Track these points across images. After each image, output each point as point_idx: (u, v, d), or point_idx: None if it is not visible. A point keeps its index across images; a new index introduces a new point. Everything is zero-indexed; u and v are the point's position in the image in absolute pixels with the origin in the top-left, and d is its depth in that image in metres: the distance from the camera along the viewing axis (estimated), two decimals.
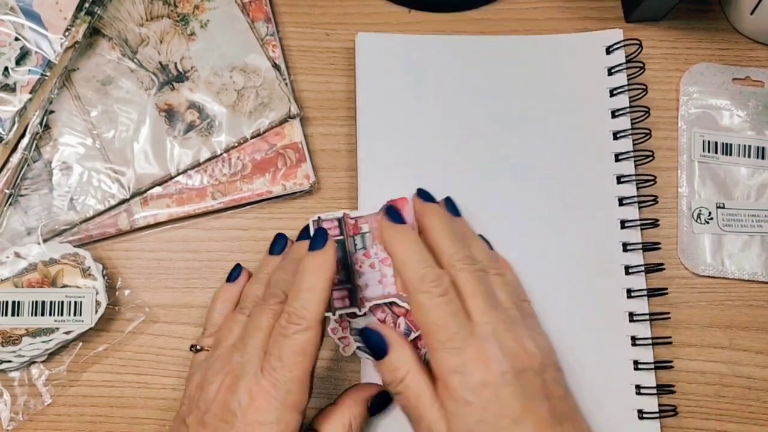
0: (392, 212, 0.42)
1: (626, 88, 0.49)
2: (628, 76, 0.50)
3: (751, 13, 0.50)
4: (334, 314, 0.41)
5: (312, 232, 0.42)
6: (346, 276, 0.42)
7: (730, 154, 0.50)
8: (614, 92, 0.50)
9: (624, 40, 0.50)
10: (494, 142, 0.49)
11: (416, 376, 0.38)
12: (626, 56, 0.50)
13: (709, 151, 0.50)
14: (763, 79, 0.52)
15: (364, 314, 0.41)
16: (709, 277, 0.49)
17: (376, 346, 0.39)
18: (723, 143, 0.50)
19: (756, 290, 0.49)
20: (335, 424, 0.39)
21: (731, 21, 0.53)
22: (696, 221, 0.49)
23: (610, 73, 0.50)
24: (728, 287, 0.49)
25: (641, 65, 0.50)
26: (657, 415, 0.44)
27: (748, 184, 0.50)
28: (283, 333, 0.36)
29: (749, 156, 0.50)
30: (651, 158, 0.48)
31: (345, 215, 0.43)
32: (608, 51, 0.51)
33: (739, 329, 0.48)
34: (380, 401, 0.41)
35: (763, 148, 0.50)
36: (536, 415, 0.35)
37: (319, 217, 0.43)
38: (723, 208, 0.49)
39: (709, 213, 0.49)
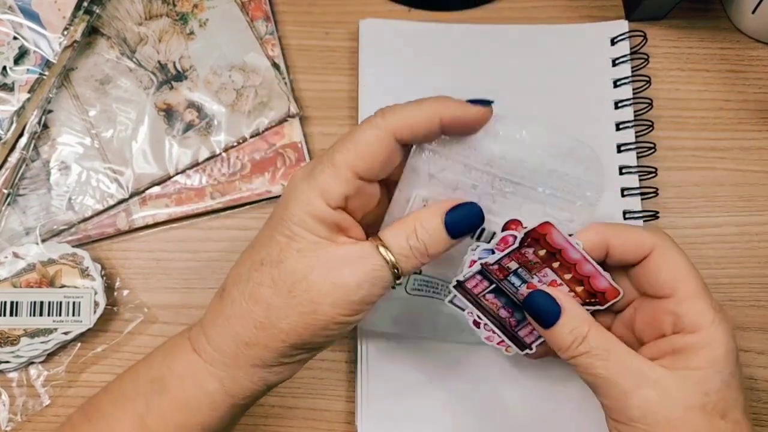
0: None
1: (630, 79, 0.50)
2: (632, 68, 0.50)
3: (753, 12, 0.50)
4: (531, 349, 0.38)
5: (454, 299, 0.37)
6: (521, 316, 0.37)
7: None
8: (618, 83, 0.50)
9: (629, 32, 0.50)
10: None
11: (600, 332, 0.34)
12: (630, 48, 0.50)
13: None
14: None
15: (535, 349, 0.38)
16: None
17: (546, 310, 0.35)
18: None
19: (757, 290, 0.49)
20: (398, 231, 0.32)
21: (732, 20, 0.53)
22: None
23: (614, 64, 0.50)
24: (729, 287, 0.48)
25: (645, 57, 0.50)
26: None
27: None
28: None
29: None
30: (653, 150, 0.48)
31: (483, 265, 0.36)
32: (613, 42, 0.51)
33: (740, 329, 0.48)
34: (460, 215, 0.33)
35: None
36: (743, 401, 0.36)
37: (458, 281, 0.36)
38: None
39: None
